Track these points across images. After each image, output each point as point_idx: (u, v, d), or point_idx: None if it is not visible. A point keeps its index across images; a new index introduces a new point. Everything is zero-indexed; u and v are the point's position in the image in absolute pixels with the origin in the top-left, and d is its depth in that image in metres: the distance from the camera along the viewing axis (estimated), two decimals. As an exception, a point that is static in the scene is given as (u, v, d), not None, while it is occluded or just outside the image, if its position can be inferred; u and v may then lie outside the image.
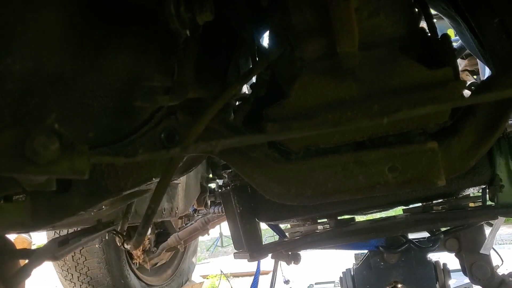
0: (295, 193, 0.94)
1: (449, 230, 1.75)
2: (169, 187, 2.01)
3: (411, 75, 0.85)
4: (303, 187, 0.93)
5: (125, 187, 0.97)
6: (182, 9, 0.71)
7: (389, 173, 0.88)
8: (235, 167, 0.97)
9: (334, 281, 3.95)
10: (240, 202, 1.32)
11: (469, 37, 1.12)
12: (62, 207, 0.94)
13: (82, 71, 0.74)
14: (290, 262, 1.81)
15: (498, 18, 0.92)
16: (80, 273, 2.62)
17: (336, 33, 0.72)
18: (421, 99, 0.84)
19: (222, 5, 0.95)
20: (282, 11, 0.98)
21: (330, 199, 0.92)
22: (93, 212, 1.13)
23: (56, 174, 0.44)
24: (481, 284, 1.72)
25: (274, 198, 0.95)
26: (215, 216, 2.86)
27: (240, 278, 5.54)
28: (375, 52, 0.88)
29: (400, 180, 0.88)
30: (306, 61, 0.93)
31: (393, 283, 1.84)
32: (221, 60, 1.17)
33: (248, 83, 1.39)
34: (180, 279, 3.52)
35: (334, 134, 0.89)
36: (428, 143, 0.86)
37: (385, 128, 0.87)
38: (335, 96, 0.88)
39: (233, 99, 1.18)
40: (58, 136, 0.42)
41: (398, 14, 0.91)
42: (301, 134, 0.82)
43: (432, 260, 1.85)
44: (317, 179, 0.92)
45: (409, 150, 0.87)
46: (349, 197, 0.91)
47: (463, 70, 3.37)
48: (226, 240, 9.15)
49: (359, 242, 1.83)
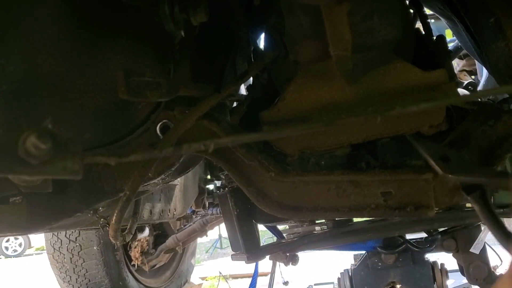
0: (287, 206, 0.94)
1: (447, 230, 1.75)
2: (166, 188, 2.01)
3: (406, 78, 0.85)
4: (295, 200, 0.93)
5: (122, 188, 0.97)
6: (176, 10, 0.72)
7: (382, 196, 0.88)
8: (229, 172, 0.97)
9: (333, 282, 3.94)
10: (237, 204, 1.32)
11: (466, 37, 1.12)
12: (58, 209, 0.94)
13: (77, 72, 0.74)
14: (288, 263, 1.81)
15: (493, 17, 0.92)
16: (78, 275, 2.61)
17: (329, 36, 0.73)
18: (415, 101, 0.84)
19: (217, 6, 0.96)
20: (276, 14, 0.98)
21: (320, 216, 0.92)
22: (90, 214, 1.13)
23: (49, 174, 0.44)
24: (479, 284, 1.72)
25: (266, 208, 0.95)
26: (213, 218, 2.86)
27: (239, 279, 5.53)
28: (369, 54, 0.88)
29: (391, 205, 0.87)
30: (300, 63, 0.93)
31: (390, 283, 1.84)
32: (218, 60, 1.18)
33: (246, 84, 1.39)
34: (178, 280, 3.52)
35: (328, 136, 0.89)
36: (424, 174, 0.85)
37: (379, 130, 0.87)
38: (330, 99, 0.88)
39: (228, 100, 1.18)
40: (51, 136, 0.42)
41: (392, 17, 0.91)
42: (295, 133, 0.82)
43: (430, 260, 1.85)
44: (310, 194, 0.92)
45: (404, 177, 0.86)
46: (338, 216, 0.91)
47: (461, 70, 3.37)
48: (225, 242, 9.14)
49: (356, 243, 1.84)
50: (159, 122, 0.95)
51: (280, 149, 0.93)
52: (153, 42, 0.84)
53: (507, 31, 0.86)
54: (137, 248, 2.84)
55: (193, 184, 2.31)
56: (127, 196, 0.88)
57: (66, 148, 0.44)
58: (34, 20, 0.63)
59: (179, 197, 2.15)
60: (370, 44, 0.89)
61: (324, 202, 0.91)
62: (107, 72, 0.78)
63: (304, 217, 0.94)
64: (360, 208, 0.89)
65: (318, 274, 4.95)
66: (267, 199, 0.95)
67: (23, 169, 0.41)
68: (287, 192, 0.94)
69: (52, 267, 2.73)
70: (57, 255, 2.62)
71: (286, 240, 1.79)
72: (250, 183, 0.96)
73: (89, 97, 0.78)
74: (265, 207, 0.94)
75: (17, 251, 12.08)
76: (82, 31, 0.71)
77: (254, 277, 3.40)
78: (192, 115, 0.87)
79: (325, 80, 0.88)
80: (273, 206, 0.94)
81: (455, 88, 0.84)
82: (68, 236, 2.57)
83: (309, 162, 0.95)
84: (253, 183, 0.96)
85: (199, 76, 0.98)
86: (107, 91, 0.80)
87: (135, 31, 0.80)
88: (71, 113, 0.77)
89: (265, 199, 0.95)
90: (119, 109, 0.86)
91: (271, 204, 0.94)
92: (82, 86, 0.76)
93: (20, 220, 0.92)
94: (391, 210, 0.87)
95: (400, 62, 0.86)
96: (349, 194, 0.90)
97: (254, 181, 0.96)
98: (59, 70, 0.70)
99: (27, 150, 0.40)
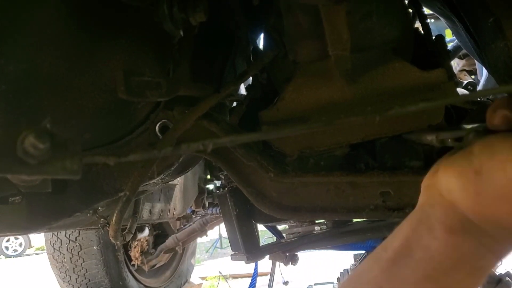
0: (286, 206, 0.94)
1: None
2: (166, 188, 2.01)
3: (404, 77, 0.85)
4: (294, 201, 0.93)
5: (121, 188, 0.97)
6: (176, 10, 0.72)
7: (381, 197, 0.88)
8: (229, 172, 0.97)
9: (333, 282, 3.95)
10: (237, 204, 1.32)
11: (465, 37, 1.12)
12: (58, 209, 0.95)
13: (77, 71, 0.74)
14: (287, 263, 1.81)
15: (492, 17, 0.92)
16: (78, 275, 2.61)
17: (328, 36, 0.73)
18: (414, 100, 0.84)
19: (216, 5, 0.96)
20: (275, 14, 0.98)
21: (319, 217, 0.92)
22: (89, 214, 1.13)
23: (48, 174, 0.44)
24: (479, 284, 1.72)
25: (265, 209, 0.95)
26: (213, 218, 2.86)
27: (239, 279, 5.53)
28: (368, 54, 0.88)
29: (390, 206, 0.88)
30: (299, 63, 0.93)
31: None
32: (218, 60, 1.18)
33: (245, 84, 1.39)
34: (178, 280, 3.52)
35: (327, 136, 0.89)
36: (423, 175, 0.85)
37: (378, 130, 0.87)
38: (329, 99, 0.88)
39: (227, 99, 1.18)
40: (49, 136, 0.42)
41: (391, 17, 0.91)
42: (294, 133, 0.82)
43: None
44: (309, 194, 0.92)
45: (403, 178, 0.86)
46: (337, 217, 0.91)
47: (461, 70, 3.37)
48: (225, 242, 9.13)
49: (356, 243, 1.83)
50: (158, 122, 0.95)
51: (279, 149, 0.93)
52: (153, 42, 0.84)
53: (507, 31, 0.86)
54: (137, 248, 2.85)
55: (193, 184, 2.31)
56: (127, 197, 0.88)
57: (65, 148, 0.44)
58: (34, 20, 0.63)
59: (179, 197, 2.15)
60: (369, 44, 0.89)
61: (323, 203, 0.91)
62: (106, 72, 0.78)
63: (303, 218, 0.94)
64: (359, 209, 0.90)
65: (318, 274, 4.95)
66: (266, 200, 0.95)
67: (21, 169, 0.41)
68: (286, 192, 0.94)
69: (52, 267, 2.73)
70: (57, 255, 2.62)
71: (286, 240, 1.79)
72: (249, 183, 0.96)
73: (89, 97, 0.78)
74: (264, 207, 0.95)
75: (17, 251, 12.08)
76: (82, 31, 0.71)
77: (254, 277, 3.40)
78: (191, 115, 0.87)
79: (324, 80, 0.88)
80: (272, 206, 0.94)
81: (454, 87, 0.84)
82: (68, 236, 2.57)
83: (309, 162, 0.95)
84: (252, 183, 0.96)
85: (199, 76, 0.98)
86: (107, 91, 0.80)
87: (135, 31, 0.80)
88: (71, 113, 0.77)
89: (264, 199, 0.95)
90: (118, 109, 0.86)
91: (270, 204, 0.94)
92: (82, 86, 0.76)
93: (19, 220, 0.92)
94: (390, 211, 0.87)
95: (399, 62, 0.86)
96: (348, 195, 0.90)
97: (253, 182, 0.96)
98: (59, 70, 0.70)
99: (25, 150, 0.40)
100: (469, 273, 0.45)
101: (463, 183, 0.43)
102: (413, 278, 0.45)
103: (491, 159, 0.41)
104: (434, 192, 0.48)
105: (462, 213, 0.44)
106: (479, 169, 0.42)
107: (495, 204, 0.41)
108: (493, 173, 0.41)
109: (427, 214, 0.48)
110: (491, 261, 0.45)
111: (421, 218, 0.49)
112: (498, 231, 0.44)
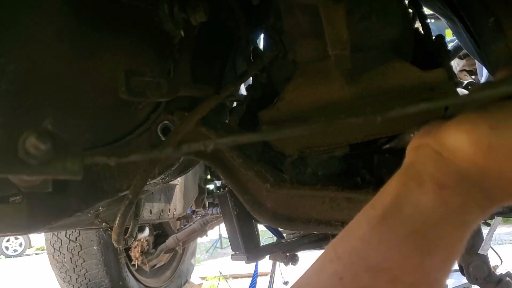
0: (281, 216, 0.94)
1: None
2: (166, 188, 2.01)
3: (404, 77, 0.85)
4: (290, 211, 0.94)
5: (122, 188, 0.97)
6: (176, 10, 0.72)
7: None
8: (226, 179, 0.98)
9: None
10: (237, 204, 1.32)
11: (466, 37, 1.12)
12: (58, 209, 0.95)
13: (77, 71, 0.74)
14: (288, 263, 1.82)
15: (493, 17, 0.92)
16: (78, 275, 2.62)
17: (327, 36, 0.73)
18: (414, 100, 0.84)
19: (216, 5, 0.96)
20: (275, 14, 0.98)
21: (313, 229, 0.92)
22: (90, 214, 1.13)
23: (49, 174, 0.44)
24: (479, 283, 1.72)
25: (260, 218, 0.96)
26: (213, 218, 2.86)
27: (239, 279, 5.53)
28: (368, 54, 0.88)
29: None
30: (299, 63, 0.93)
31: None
32: (218, 60, 1.18)
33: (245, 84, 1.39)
34: (179, 280, 3.52)
35: (327, 136, 0.90)
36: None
37: (378, 130, 0.87)
38: (329, 99, 0.88)
39: (228, 100, 1.18)
40: (50, 137, 0.42)
41: (390, 17, 0.91)
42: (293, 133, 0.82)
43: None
44: (304, 205, 0.93)
45: None
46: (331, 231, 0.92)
47: (461, 70, 3.37)
48: (226, 242, 9.13)
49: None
50: (159, 123, 0.95)
51: (279, 149, 0.93)
52: (153, 42, 0.84)
53: (507, 31, 0.86)
54: (137, 248, 2.85)
55: (193, 184, 2.31)
56: (130, 200, 0.88)
57: (66, 148, 0.44)
58: (34, 19, 0.63)
59: (179, 197, 2.15)
60: (369, 44, 0.89)
61: (318, 215, 0.92)
62: (107, 72, 0.79)
63: (298, 229, 0.95)
64: None
65: (318, 274, 4.94)
66: (262, 208, 0.95)
67: (22, 169, 0.41)
68: (282, 202, 0.94)
69: (52, 267, 2.74)
70: (57, 255, 2.62)
71: (286, 240, 1.79)
72: (246, 191, 0.96)
73: (90, 97, 0.78)
74: (260, 216, 0.95)
75: (18, 251, 12.08)
76: (83, 31, 0.71)
77: (254, 277, 3.40)
78: (192, 118, 0.87)
79: (324, 79, 0.88)
80: (267, 215, 0.95)
81: (454, 87, 0.84)
82: (68, 236, 2.58)
83: (306, 172, 0.95)
84: (249, 191, 0.96)
85: (199, 76, 0.98)
86: (107, 91, 0.80)
87: (135, 31, 0.81)
88: (71, 113, 0.77)
89: (260, 208, 0.95)
90: (119, 109, 0.87)
91: (266, 213, 0.95)
92: (82, 86, 0.76)
93: (20, 219, 0.92)
94: None
95: (399, 61, 0.86)
96: (343, 208, 0.90)
97: (250, 190, 0.96)
98: (59, 70, 0.70)
99: (26, 151, 0.40)
100: (455, 227, 0.45)
101: (475, 137, 0.44)
102: (402, 233, 0.45)
103: (508, 115, 0.43)
104: (426, 151, 0.49)
105: (460, 168, 0.45)
106: (495, 125, 0.43)
107: (507, 159, 0.43)
108: (509, 129, 0.42)
109: (417, 171, 0.49)
110: (477, 216, 0.46)
111: (410, 175, 0.49)
112: (495, 188, 0.45)
